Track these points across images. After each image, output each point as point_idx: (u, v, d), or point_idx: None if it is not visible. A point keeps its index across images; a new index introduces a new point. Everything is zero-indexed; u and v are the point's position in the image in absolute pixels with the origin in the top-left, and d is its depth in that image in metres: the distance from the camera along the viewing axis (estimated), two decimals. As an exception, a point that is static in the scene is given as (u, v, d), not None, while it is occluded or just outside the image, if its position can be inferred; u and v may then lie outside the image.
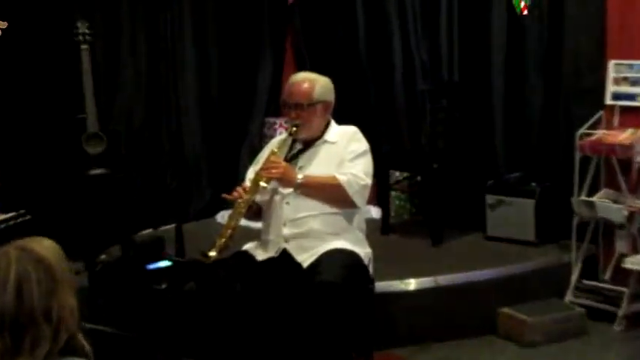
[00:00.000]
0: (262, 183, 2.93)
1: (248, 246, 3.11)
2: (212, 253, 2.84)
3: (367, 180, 3.02)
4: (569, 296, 3.92)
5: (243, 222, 3.00)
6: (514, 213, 4.29)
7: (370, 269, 3.09)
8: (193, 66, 5.24)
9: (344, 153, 3.04)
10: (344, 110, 3.35)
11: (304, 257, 2.94)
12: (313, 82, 3.08)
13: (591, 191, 3.94)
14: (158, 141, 5.13)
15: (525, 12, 4.36)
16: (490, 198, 4.38)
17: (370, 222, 3.81)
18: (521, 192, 4.31)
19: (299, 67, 5.21)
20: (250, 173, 3.13)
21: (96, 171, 4.43)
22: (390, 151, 4.78)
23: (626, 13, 3.99)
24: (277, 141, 3.18)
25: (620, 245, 3.93)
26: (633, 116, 3.95)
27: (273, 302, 2.94)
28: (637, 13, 3.96)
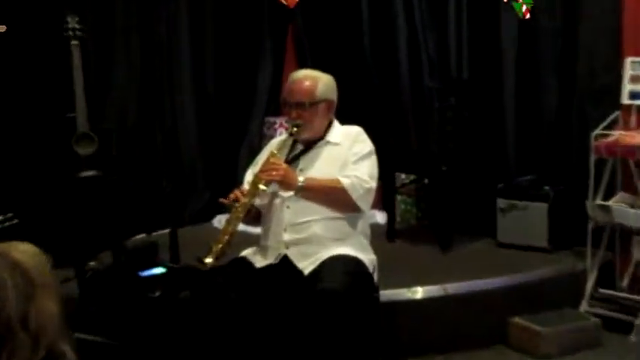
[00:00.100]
0: (261, 186, 2.93)
1: (246, 252, 3.10)
2: (208, 260, 2.84)
3: (372, 183, 3.02)
4: (584, 306, 3.91)
5: (241, 227, 3.00)
6: (526, 218, 4.30)
7: (375, 277, 3.08)
8: (189, 63, 5.24)
9: (347, 154, 3.04)
10: (347, 109, 3.34)
11: (305, 264, 2.94)
12: (315, 80, 3.08)
13: (607, 195, 3.93)
14: (152, 141, 5.13)
15: (528, 15, 4.39)
16: (501, 202, 4.38)
17: (375, 227, 3.79)
18: (533, 196, 4.31)
19: (300, 64, 5.21)
20: (249, 175, 3.13)
21: (86, 173, 4.43)
22: (396, 153, 4.77)
23: (642, 9, 3.99)
24: (277, 142, 3.18)
25: (637, 252, 3.93)
26: (651, 116, 3.95)
27: (272, 311, 2.95)
28: (655, 9, 3.97)
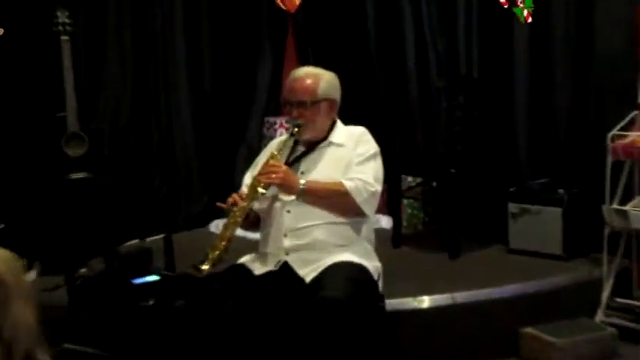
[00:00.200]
0: (261, 189, 2.92)
1: (245, 259, 3.10)
2: (205, 267, 2.84)
3: (377, 186, 3.02)
4: (599, 315, 3.90)
5: (239, 232, 2.99)
6: (539, 223, 4.29)
7: (380, 285, 3.08)
8: (185, 60, 5.25)
9: (351, 156, 3.03)
10: (351, 109, 3.34)
11: (307, 271, 2.93)
12: (317, 78, 3.07)
13: (624, 199, 3.92)
14: (146, 142, 5.13)
15: (530, 20, 4.41)
16: (513, 207, 4.37)
17: (380, 232, 3.80)
18: (547, 200, 4.30)
19: (302, 62, 5.21)
20: (247, 178, 3.13)
21: (77, 175, 4.44)
22: (402, 154, 4.77)
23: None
24: (277, 142, 3.17)
25: (656, 259, 3.92)
26: (671, 116, 3.94)
27: (271, 321, 2.94)
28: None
